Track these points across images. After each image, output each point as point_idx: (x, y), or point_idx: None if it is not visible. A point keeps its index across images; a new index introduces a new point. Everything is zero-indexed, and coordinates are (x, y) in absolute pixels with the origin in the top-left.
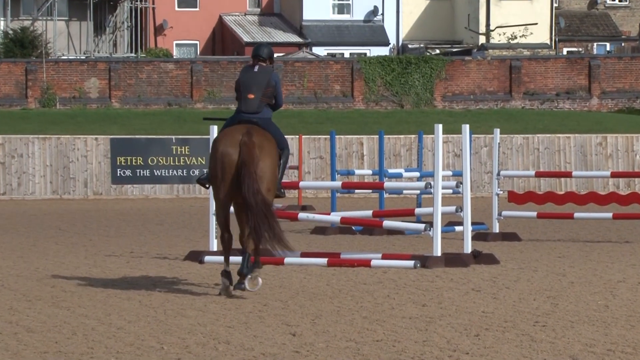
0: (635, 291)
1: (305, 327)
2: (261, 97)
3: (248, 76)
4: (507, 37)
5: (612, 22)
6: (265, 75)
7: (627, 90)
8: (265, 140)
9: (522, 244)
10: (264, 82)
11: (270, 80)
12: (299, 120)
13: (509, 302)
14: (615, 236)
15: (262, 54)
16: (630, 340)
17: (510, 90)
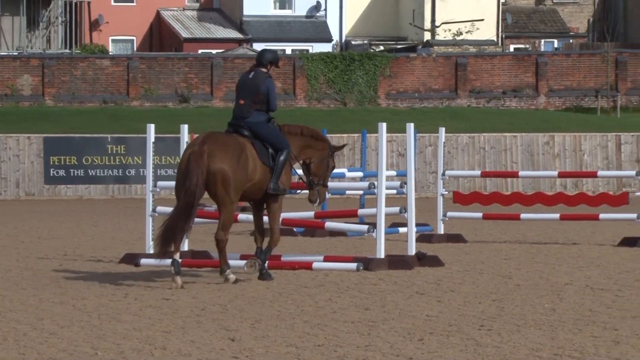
0: (583, 294)
1: (244, 331)
2: (251, 103)
3: (242, 82)
4: (452, 34)
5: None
6: (258, 82)
7: (575, 88)
8: (218, 149)
9: (467, 246)
10: (256, 88)
11: (262, 87)
12: None
13: (453, 305)
14: (562, 238)
15: (261, 60)
16: (577, 345)
17: (456, 88)
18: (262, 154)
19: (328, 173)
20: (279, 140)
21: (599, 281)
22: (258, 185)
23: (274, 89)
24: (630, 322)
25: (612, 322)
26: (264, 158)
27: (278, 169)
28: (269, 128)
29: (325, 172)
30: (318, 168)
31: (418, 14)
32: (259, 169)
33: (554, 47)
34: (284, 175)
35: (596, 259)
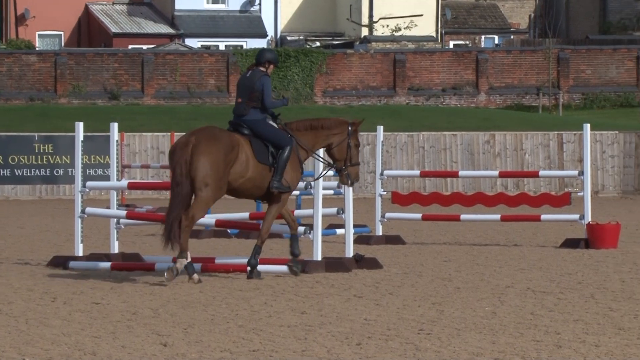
0: (524, 297)
1: (177, 336)
2: (247, 101)
3: (240, 81)
4: (391, 29)
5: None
6: (254, 80)
7: (516, 85)
8: (204, 140)
9: (406, 248)
10: (252, 87)
11: (257, 85)
12: (170, 117)
13: (392, 308)
14: (503, 239)
15: (259, 59)
16: (518, 349)
17: (394, 85)
18: (259, 152)
19: (354, 152)
20: (278, 137)
21: (541, 284)
22: (252, 183)
23: (269, 86)
24: (572, 325)
25: (554, 326)
26: (260, 156)
27: (280, 167)
28: (267, 125)
29: (347, 153)
30: (339, 152)
31: (355, 9)
32: (252, 167)
33: (495, 44)
34: (292, 172)
35: (538, 261)
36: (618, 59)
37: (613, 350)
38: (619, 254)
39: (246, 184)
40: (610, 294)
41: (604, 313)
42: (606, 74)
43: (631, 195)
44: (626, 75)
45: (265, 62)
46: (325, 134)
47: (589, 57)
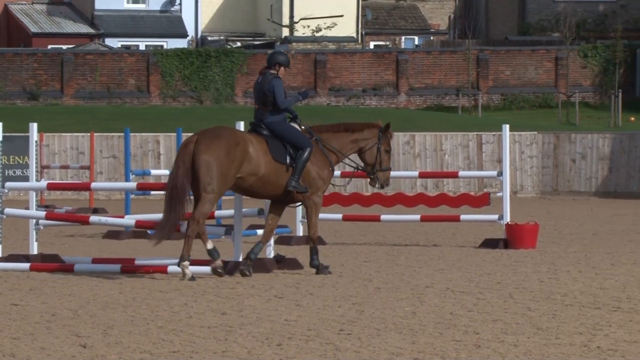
0: (444, 297)
1: (96, 338)
2: (263, 107)
3: (255, 87)
4: (311, 30)
5: (420, 15)
6: (265, 84)
7: (435, 86)
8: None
9: (327, 248)
10: (263, 91)
11: (268, 88)
12: (90, 117)
13: (312, 309)
14: (423, 239)
15: (269, 62)
16: (438, 348)
17: (315, 85)
18: (275, 151)
19: (384, 156)
20: (297, 138)
21: (460, 284)
22: (266, 181)
23: (279, 87)
24: (492, 325)
25: (473, 326)
26: (277, 155)
27: (298, 167)
28: (286, 126)
29: (377, 157)
30: (369, 156)
31: (276, 9)
32: (266, 165)
33: (415, 45)
34: (324, 170)
35: (457, 261)
36: (537, 60)
37: (531, 350)
38: (538, 254)
39: (258, 183)
40: (528, 294)
41: (523, 313)
42: (525, 75)
43: (549, 195)
44: (545, 76)
45: (275, 65)
46: (354, 138)
47: (508, 58)
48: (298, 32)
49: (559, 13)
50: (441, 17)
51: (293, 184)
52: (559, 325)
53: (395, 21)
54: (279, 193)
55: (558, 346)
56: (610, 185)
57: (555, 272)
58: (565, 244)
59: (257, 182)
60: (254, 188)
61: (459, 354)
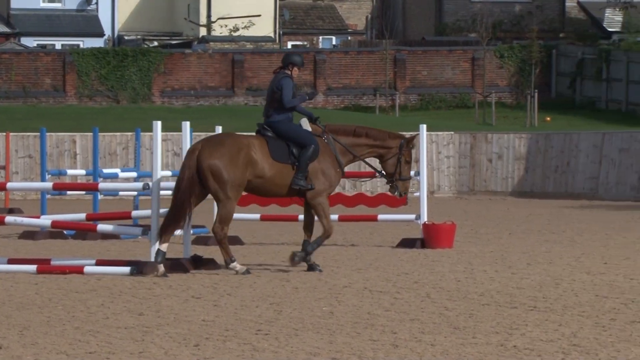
0: (361, 297)
1: (12, 339)
2: (269, 104)
3: (269, 86)
4: (229, 30)
5: (338, 15)
6: (274, 82)
7: (353, 86)
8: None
9: (244, 248)
10: (272, 90)
11: (277, 86)
12: (6, 117)
13: (230, 309)
14: (340, 239)
15: (283, 62)
16: (355, 348)
17: (233, 85)
18: (275, 151)
19: (403, 167)
20: (299, 136)
21: (378, 283)
22: (272, 182)
23: (287, 86)
24: (409, 324)
25: (390, 325)
26: (277, 156)
27: (302, 165)
28: (289, 125)
29: (396, 168)
30: (388, 165)
31: (193, 8)
32: (269, 167)
33: (332, 45)
34: (331, 170)
35: (375, 261)
36: (454, 60)
37: (448, 349)
38: (455, 254)
39: (266, 185)
40: (445, 294)
41: (440, 312)
42: (442, 75)
43: (466, 195)
44: (461, 77)
45: (289, 65)
46: (369, 144)
47: (425, 59)
48: (215, 32)
49: (475, 13)
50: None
51: (297, 181)
52: (476, 324)
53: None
54: (285, 192)
55: (475, 345)
56: (527, 185)
57: (472, 272)
58: (481, 244)
59: (262, 184)
60: (260, 189)
61: (376, 354)
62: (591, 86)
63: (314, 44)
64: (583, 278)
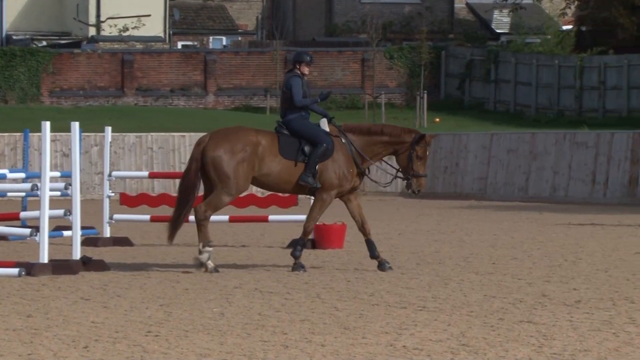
0: (252, 297)
1: None
2: (282, 103)
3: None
4: (118, 29)
5: (228, 15)
6: (284, 83)
7: (244, 86)
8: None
9: (134, 249)
10: (283, 90)
11: (287, 85)
12: None
13: (120, 311)
14: (231, 240)
15: (292, 61)
16: (246, 349)
17: (123, 85)
18: (285, 148)
19: (416, 163)
20: (312, 134)
21: (268, 284)
22: (278, 178)
23: (297, 85)
24: (299, 325)
25: (281, 326)
26: (286, 153)
27: (311, 162)
28: (302, 123)
29: (409, 164)
30: (402, 161)
31: (82, 8)
32: (277, 163)
33: (223, 45)
34: (343, 169)
35: (265, 262)
36: (344, 61)
37: (339, 350)
38: (345, 254)
39: (272, 180)
40: (336, 294)
41: (330, 313)
42: (332, 76)
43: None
44: (351, 78)
45: (297, 63)
46: (385, 141)
47: (316, 59)
48: (105, 32)
49: (365, 14)
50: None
51: (304, 178)
52: (366, 324)
53: (203, 21)
54: (293, 188)
55: (365, 345)
56: None
57: (362, 272)
58: None
59: (269, 179)
60: (267, 184)
61: (266, 355)
62: (480, 87)
63: (204, 44)
64: (472, 278)
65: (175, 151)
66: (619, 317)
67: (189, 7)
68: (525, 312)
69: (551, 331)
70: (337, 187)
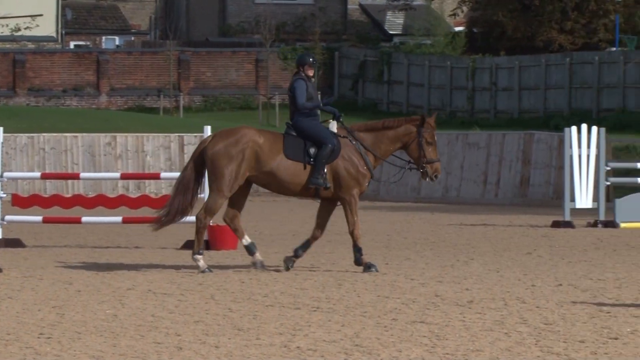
0: (145, 299)
1: None
2: (289, 106)
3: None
4: (10, 29)
5: (121, 15)
6: (289, 86)
7: (137, 87)
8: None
9: (26, 251)
10: (288, 92)
11: (290, 87)
12: None
13: (12, 313)
14: (125, 241)
15: (296, 64)
16: (139, 351)
17: (14, 85)
18: (290, 148)
19: (426, 149)
20: (317, 134)
21: (162, 285)
22: (283, 179)
23: (299, 87)
24: (193, 326)
25: (174, 327)
26: (291, 153)
27: (318, 164)
28: (308, 123)
29: (420, 151)
30: (412, 150)
31: None
32: (279, 163)
33: (116, 45)
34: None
35: (159, 263)
36: (237, 62)
37: (232, 351)
38: (239, 255)
39: (275, 181)
40: (230, 295)
41: (224, 314)
42: (226, 77)
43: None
44: (245, 78)
45: (300, 66)
46: (391, 135)
47: (209, 60)
48: None
49: (259, 15)
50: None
51: (313, 180)
52: (260, 325)
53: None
54: (299, 190)
55: (259, 347)
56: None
57: (256, 273)
58: (265, 245)
59: (272, 180)
60: (270, 185)
61: (160, 356)
62: (373, 88)
63: (97, 44)
64: (365, 279)
65: (67, 152)
66: (511, 317)
67: (82, 6)
68: (418, 312)
69: (444, 331)
70: (355, 186)
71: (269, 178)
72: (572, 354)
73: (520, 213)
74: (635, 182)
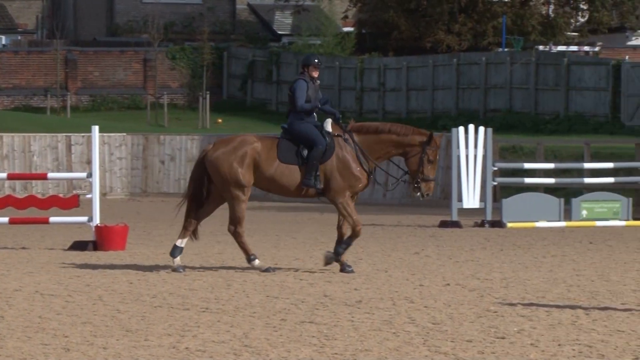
0: (32, 300)
1: None
2: (288, 107)
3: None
4: None
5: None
6: (290, 86)
7: (24, 86)
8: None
9: None
10: (288, 92)
11: (291, 88)
12: None
13: None
14: (11, 242)
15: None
16: (26, 352)
17: None
18: (283, 152)
19: (427, 166)
20: (308, 136)
21: (49, 287)
22: (279, 182)
23: (299, 88)
24: (81, 328)
25: (62, 329)
26: (283, 157)
27: (310, 165)
28: (299, 125)
29: (419, 166)
30: (412, 164)
31: None
32: (276, 168)
33: (2, 44)
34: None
35: (46, 264)
36: (126, 62)
37: (121, 352)
38: (127, 256)
39: (273, 185)
40: (118, 296)
41: (112, 315)
42: (114, 76)
43: (139, 197)
44: (134, 78)
45: (304, 67)
46: (392, 140)
47: (97, 59)
48: None
49: (147, 14)
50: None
51: (306, 182)
52: (148, 326)
53: None
54: (296, 191)
55: (147, 348)
56: None
57: (145, 274)
58: (154, 246)
59: (270, 184)
60: (270, 189)
61: (47, 358)
62: (262, 88)
63: None
64: (254, 279)
65: None
66: (399, 317)
67: None
68: (307, 312)
69: (332, 331)
70: (347, 188)
71: (269, 183)
72: (459, 353)
73: (408, 213)
74: (521, 182)
